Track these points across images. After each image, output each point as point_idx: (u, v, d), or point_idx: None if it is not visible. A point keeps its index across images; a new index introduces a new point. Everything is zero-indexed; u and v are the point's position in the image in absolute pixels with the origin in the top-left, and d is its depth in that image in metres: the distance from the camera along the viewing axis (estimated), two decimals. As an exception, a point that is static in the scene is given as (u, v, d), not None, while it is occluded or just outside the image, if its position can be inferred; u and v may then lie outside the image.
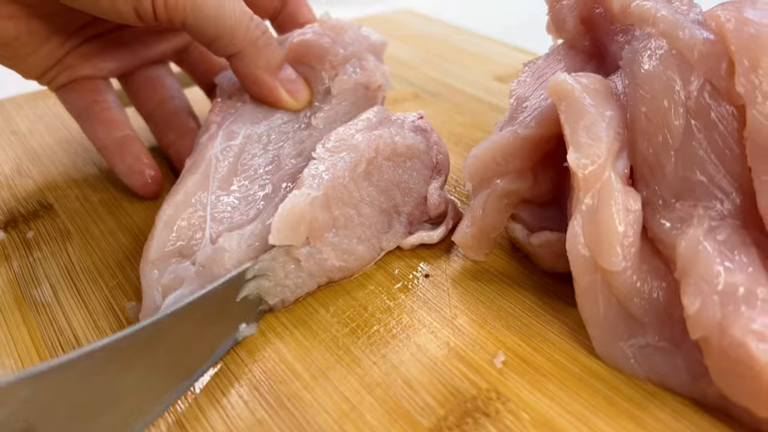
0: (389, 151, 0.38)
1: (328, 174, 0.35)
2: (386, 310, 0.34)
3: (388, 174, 0.38)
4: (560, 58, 0.40)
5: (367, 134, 0.38)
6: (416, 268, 0.37)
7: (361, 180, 0.37)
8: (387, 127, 0.39)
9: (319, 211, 0.34)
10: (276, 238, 0.33)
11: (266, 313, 0.35)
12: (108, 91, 0.46)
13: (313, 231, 0.34)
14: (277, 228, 0.32)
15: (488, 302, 0.35)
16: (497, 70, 0.64)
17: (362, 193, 0.37)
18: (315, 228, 0.34)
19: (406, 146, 0.39)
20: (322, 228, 0.35)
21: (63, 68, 0.43)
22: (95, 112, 0.44)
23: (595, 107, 0.33)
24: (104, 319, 0.34)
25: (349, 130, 0.38)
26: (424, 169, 0.40)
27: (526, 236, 0.36)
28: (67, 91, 0.45)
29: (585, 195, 0.31)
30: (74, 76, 0.44)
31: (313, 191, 0.34)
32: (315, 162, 0.36)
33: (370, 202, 0.37)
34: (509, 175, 0.36)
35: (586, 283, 0.31)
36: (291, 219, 0.33)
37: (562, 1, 0.40)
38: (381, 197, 0.38)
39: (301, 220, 0.33)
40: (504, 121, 0.39)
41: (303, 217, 0.33)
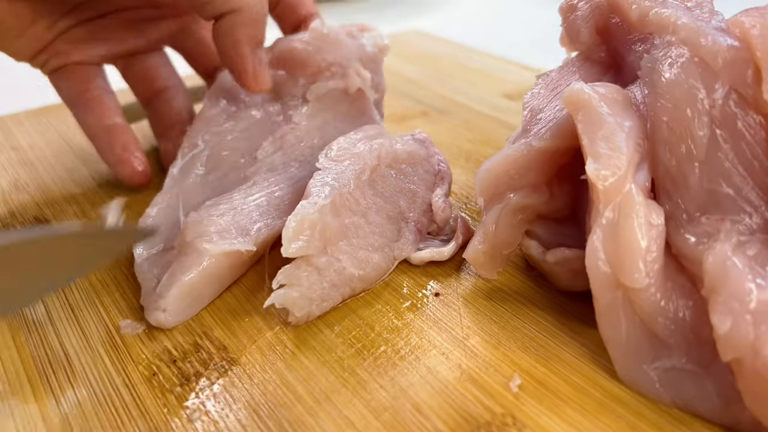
0: (391, 158, 0.38)
1: (334, 182, 0.35)
2: (394, 330, 0.33)
3: (392, 181, 0.38)
4: (575, 69, 0.39)
5: (368, 143, 0.38)
6: (425, 287, 0.36)
7: (366, 188, 0.37)
8: (386, 137, 0.39)
9: (330, 218, 0.33)
10: (288, 250, 0.32)
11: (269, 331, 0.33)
12: (99, 78, 0.45)
13: (326, 239, 0.33)
14: (288, 239, 0.32)
15: (502, 322, 0.33)
16: (505, 87, 0.63)
17: (368, 200, 0.36)
18: (328, 236, 0.33)
19: (407, 152, 0.39)
20: (336, 235, 0.34)
21: (53, 53, 0.43)
22: (86, 99, 0.44)
23: (614, 117, 0.31)
24: (97, 338, 0.33)
25: (350, 140, 0.38)
26: (427, 175, 0.40)
27: (542, 253, 0.35)
28: (59, 77, 0.44)
29: (605, 208, 0.29)
30: (65, 62, 0.44)
31: (320, 200, 0.33)
32: (320, 172, 0.35)
33: (377, 209, 0.37)
34: (523, 189, 0.35)
35: (607, 302, 0.29)
36: (301, 229, 0.32)
37: (576, 12, 0.39)
38: (387, 205, 0.37)
39: (311, 228, 0.32)
40: (517, 134, 0.38)
41: (313, 225, 0.32)
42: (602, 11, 0.38)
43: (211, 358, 0.31)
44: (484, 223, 0.35)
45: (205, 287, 0.34)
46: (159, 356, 0.32)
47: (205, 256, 0.33)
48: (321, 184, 0.35)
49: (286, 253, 0.32)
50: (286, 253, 0.32)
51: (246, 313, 0.34)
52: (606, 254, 0.29)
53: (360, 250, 0.35)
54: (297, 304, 0.32)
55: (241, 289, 0.36)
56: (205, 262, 0.33)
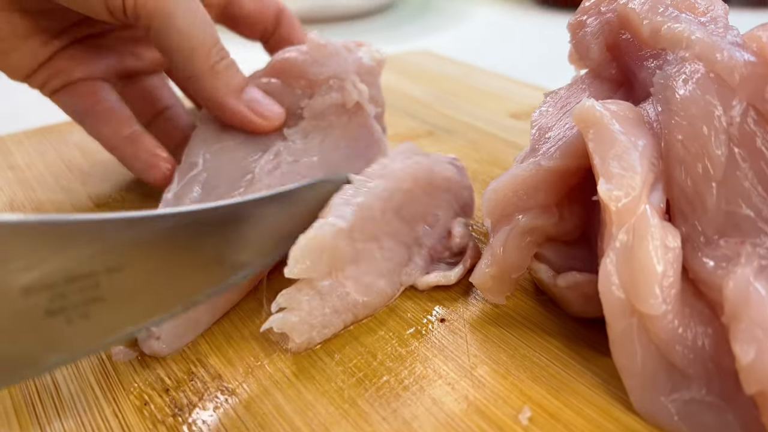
0: (427, 181, 0.37)
1: (359, 204, 0.33)
2: (397, 359, 0.31)
3: (418, 206, 0.37)
4: (585, 87, 0.38)
5: (405, 161, 0.36)
6: (430, 312, 0.34)
7: (390, 213, 0.35)
8: (425, 156, 0.38)
9: (344, 243, 0.32)
10: (293, 270, 0.30)
11: (267, 359, 0.31)
12: (106, 90, 0.44)
13: (334, 263, 0.32)
14: (296, 259, 0.30)
15: (511, 350, 0.31)
16: (512, 107, 0.62)
17: (387, 226, 0.35)
18: (337, 260, 0.32)
19: (444, 178, 0.38)
20: (345, 260, 0.32)
21: (54, 72, 0.42)
22: (98, 112, 0.43)
23: (627, 135, 0.30)
24: (87, 365, 0.31)
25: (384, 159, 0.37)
26: (455, 204, 0.38)
27: (552, 277, 0.33)
28: (64, 95, 0.44)
29: (618, 230, 0.28)
30: (68, 80, 0.43)
31: (339, 221, 0.32)
32: (348, 188, 0.34)
33: (394, 235, 0.35)
34: (532, 210, 0.33)
35: (622, 329, 0.28)
36: (311, 250, 0.31)
37: (586, 28, 0.38)
38: (404, 229, 0.36)
39: (322, 250, 0.31)
40: (525, 153, 0.37)
41: (324, 248, 0.31)
42: (612, 27, 0.37)
43: (205, 387, 0.30)
44: (492, 246, 0.33)
45: (200, 314, 0.32)
46: (151, 385, 0.30)
47: None
48: (344, 204, 0.33)
49: (290, 274, 0.30)
50: (290, 274, 0.30)
51: (243, 340, 0.33)
52: (620, 279, 0.28)
53: (367, 275, 0.33)
54: (297, 329, 0.31)
55: (238, 314, 0.35)
56: None
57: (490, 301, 0.34)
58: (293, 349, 0.31)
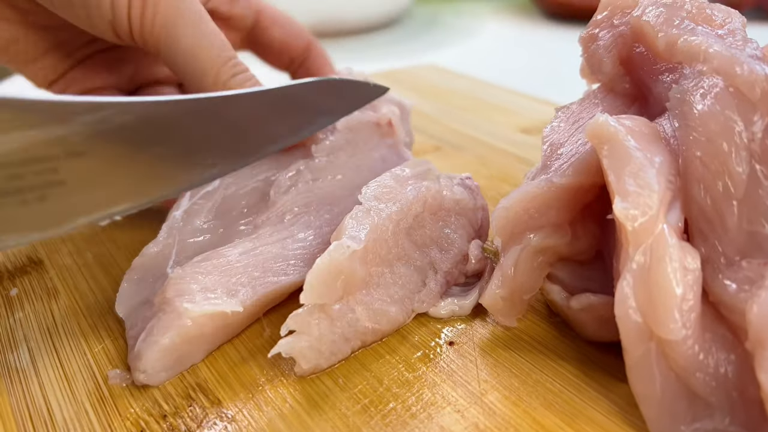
0: (437, 205, 0.36)
1: (372, 224, 0.32)
2: (404, 384, 0.30)
3: (430, 229, 0.35)
4: (597, 102, 0.37)
5: (416, 185, 0.35)
6: (438, 335, 0.33)
7: (402, 235, 0.34)
8: (435, 181, 0.36)
9: (358, 266, 0.31)
10: (309, 297, 0.29)
11: (268, 384, 0.30)
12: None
13: (348, 286, 0.31)
14: (311, 284, 0.29)
15: (523, 375, 0.30)
16: (522, 122, 0.60)
17: (399, 249, 0.34)
18: (350, 283, 0.31)
19: (455, 201, 0.36)
20: (358, 284, 0.31)
21: (71, 81, 0.42)
22: None
23: (642, 151, 0.29)
24: (83, 389, 0.30)
25: (397, 178, 0.36)
26: (469, 226, 0.37)
27: (565, 299, 0.32)
28: None
29: (635, 251, 0.27)
30: (84, 88, 0.43)
31: (354, 244, 0.31)
32: (359, 209, 0.33)
33: (407, 260, 0.34)
34: (544, 229, 0.32)
35: (639, 355, 0.26)
36: (328, 275, 0.30)
37: (598, 42, 0.37)
38: (416, 254, 0.35)
39: (338, 275, 0.30)
40: (536, 170, 0.36)
41: (340, 272, 0.30)
42: (626, 40, 0.36)
43: (204, 413, 0.29)
44: (502, 266, 0.32)
45: (189, 347, 0.31)
46: (148, 410, 0.29)
47: (186, 317, 0.30)
48: (357, 224, 0.32)
49: (307, 301, 0.29)
50: (307, 301, 0.29)
51: (243, 363, 0.32)
52: (637, 302, 0.26)
53: (377, 301, 0.32)
54: (305, 355, 0.29)
55: (239, 337, 0.33)
56: (186, 323, 0.30)
57: (501, 323, 0.33)
58: (299, 373, 0.30)
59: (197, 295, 0.30)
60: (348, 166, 0.41)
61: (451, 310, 0.34)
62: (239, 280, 0.32)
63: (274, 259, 0.34)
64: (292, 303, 0.35)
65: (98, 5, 0.34)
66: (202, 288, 0.31)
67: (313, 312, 0.30)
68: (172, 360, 0.30)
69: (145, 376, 0.29)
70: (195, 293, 0.30)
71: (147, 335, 0.30)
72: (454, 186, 0.37)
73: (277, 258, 0.34)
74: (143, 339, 0.30)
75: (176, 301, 0.30)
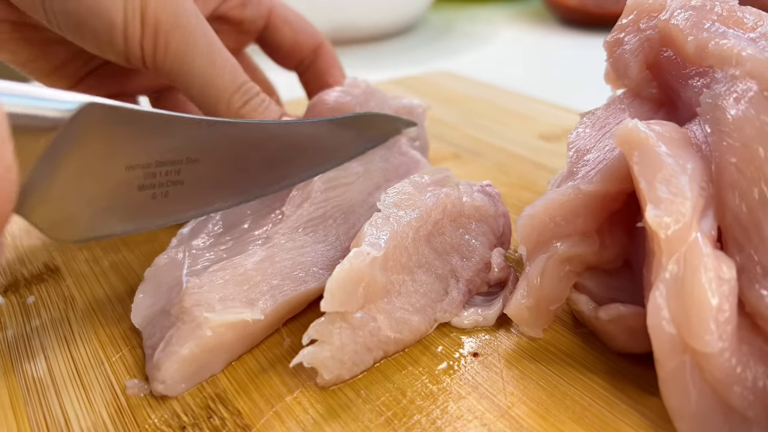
0: (457, 212, 0.35)
1: (392, 231, 0.32)
2: (428, 396, 0.29)
3: (450, 237, 0.35)
4: (623, 107, 0.36)
5: (435, 192, 0.35)
6: (462, 345, 0.32)
7: (422, 243, 0.33)
8: (454, 188, 0.36)
9: (379, 273, 0.30)
10: (330, 304, 0.29)
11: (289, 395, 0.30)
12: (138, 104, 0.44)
13: (369, 295, 0.30)
14: (332, 293, 0.29)
15: (550, 388, 0.29)
16: (541, 128, 0.60)
17: (420, 257, 0.33)
18: (372, 291, 0.30)
19: (474, 207, 0.36)
20: (379, 292, 0.31)
21: (87, 88, 0.42)
22: None
23: (674, 157, 0.28)
24: (101, 399, 0.30)
25: (417, 185, 0.35)
26: (490, 234, 0.36)
27: (593, 309, 0.31)
28: None
29: (668, 260, 0.26)
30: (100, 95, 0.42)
31: (374, 250, 0.30)
32: (378, 215, 0.32)
33: (427, 267, 0.33)
34: (571, 237, 0.31)
35: (673, 367, 0.26)
36: (348, 282, 0.29)
37: (624, 46, 0.36)
38: (437, 261, 0.34)
39: (359, 282, 0.29)
40: (561, 176, 0.35)
41: (361, 279, 0.29)
42: (652, 44, 0.35)
43: (224, 424, 0.28)
44: (528, 276, 0.31)
45: (209, 357, 0.30)
46: (167, 422, 0.28)
47: (205, 327, 0.29)
48: (377, 231, 0.31)
49: (327, 308, 0.29)
50: (327, 308, 0.29)
51: (263, 373, 0.31)
52: (671, 313, 0.25)
53: (399, 310, 0.31)
54: (327, 365, 0.29)
55: (259, 347, 0.33)
56: (206, 333, 0.29)
57: (526, 334, 0.32)
58: (320, 384, 0.29)
59: (216, 304, 0.30)
60: (360, 173, 0.40)
61: (475, 321, 0.33)
62: (258, 289, 0.32)
63: (292, 266, 0.34)
64: (311, 312, 0.35)
65: (110, 37, 0.34)
66: (220, 297, 0.30)
67: (335, 320, 0.29)
68: (192, 370, 0.30)
69: (164, 386, 0.29)
70: (214, 302, 0.30)
71: (166, 345, 0.29)
72: (474, 193, 0.36)
73: (295, 266, 0.34)
74: (162, 349, 0.29)
75: (195, 310, 0.29)
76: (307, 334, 0.29)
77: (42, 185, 0.27)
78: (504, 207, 0.37)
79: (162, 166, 0.31)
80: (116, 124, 0.29)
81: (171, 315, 0.30)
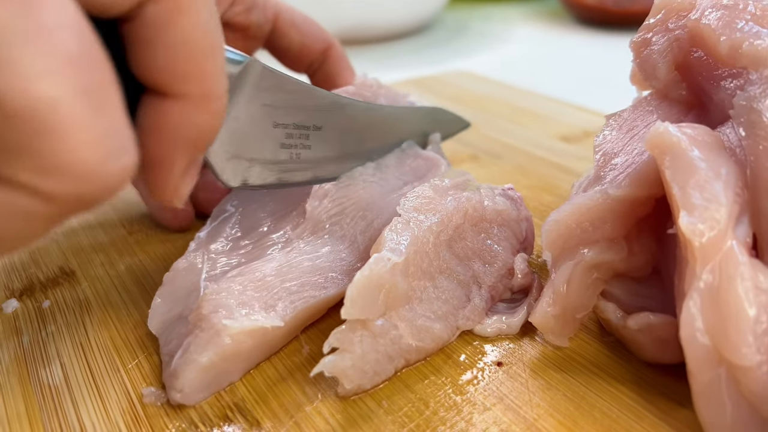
0: (478, 216, 0.34)
1: (413, 236, 0.31)
2: (452, 408, 0.28)
3: (471, 241, 0.34)
4: (651, 109, 0.35)
5: (456, 195, 0.34)
6: (486, 354, 0.31)
7: (443, 248, 0.33)
8: (475, 191, 0.35)
9: (400, 279, 0.30)
10: (350, 311, 0.28)
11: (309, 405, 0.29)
12: None
13: (390, 301, 0.29)
14: (352, 298, 0.28)
15: (577, 399, 0.28)
16: (562, 130, 0.59)
17: (441, 262, 0.32)
18: (393, 297, 0.29)
19: (496, 212, 0.35)
20: (400, 299, 0.30)
21: None
22: None
23: (707, 162, 0.27)
24: (117, 408, 0.29)
25: (437, 189, 0.34)
26: (513, 239, 0.35)
27: (621, 318, 0.30)
28: None
29: (702, 269, 0.25)
30: None
31: (394, 256, 0.29)
32: (398, 220, 0.32)
33: (449, 273, 0.33)
34: (598, 243, 0.30)
35: (708, 380, 0.25)
36: (369, 288, 0.28)
37: (651, 47, 0.35)
38: (459, 267, 0.33)
39: (379, 288, 0.29)
40: (586, 180, 0.34)
41: (382, 285, 0.29)
42: (682, 45, 0.34)
43: (242, 434, 0.28)
44: (554, 283, 0.30)
45: (227, 365, 0.29)
46: (184, 431, 0.28)
47: (224, 335, 0.28)
48: (397, 236, 0.31)
49: (347, 315, 0.28)
50: (347, 315, 0.28)
51: (282, 381, 0.30)
52: (705, 324, 0.25)
53: (420, 317, 0.31)
54: (348, 375, 0.28)
55: (277, 354, 0.32)
56: (224, 340, 0.29)
57: (552, 342, 0.31)
58: (341, 394, 0.29)
59: (235, 310, 0.29)
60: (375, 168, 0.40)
61: (498, 329, 0.32)
62: (277, 295, 0.31)
63: (311, 272, 0.33)
64: (330, 319, 0.34)
65: None
66: (239, 303, 0.30)
67: (356, 328, 0.29)
68: (210, 379, 0.29)
69: (182, 395, 0.28)
70: (233, 309, 0.29)
71: (184, 353, 0.29)
72: (495, 196, 0.36)
73: (314, 271, 0.33)
74: (180, 357, 0.29)
75: (213, 317, 0.29)
76: (328, 342, 0.28)
77: None
78: (527, 211, 0.37)
79: (297, 128, 0.35)
80: (270, 83, 0.32)
81: (189, 322, 0.29)
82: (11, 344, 0.34)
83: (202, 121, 0.24)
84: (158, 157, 0.24)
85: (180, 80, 0.23)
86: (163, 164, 0.24)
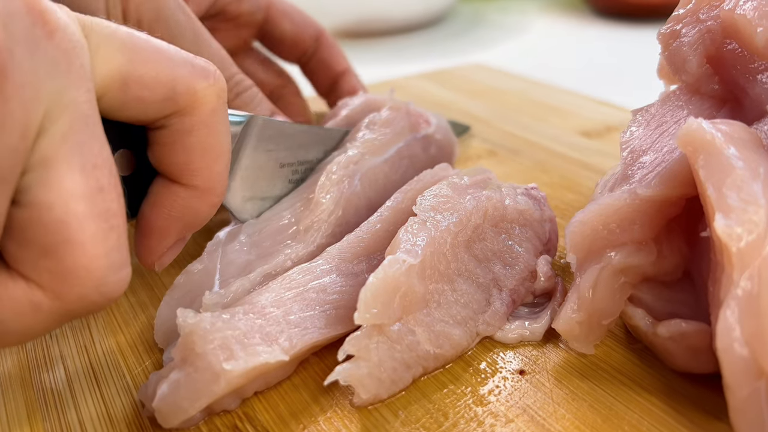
0: (498, 216, 0.33)
1: (429, 236, 0.30)
2: (473, 419, 0.27)
3: (491, 242, 0.33)
4: (681, 104, 0.33)
5: (475, 194, 0.33)
6: (507, 362, 0.30)
7: (461, 249, 0.31)
8: (496, 190, 0.34)
9: (416, 281, 0.28)
10: (364, 316, 0.26)
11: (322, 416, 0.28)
12: None
13: (407, 305, 0.28)
14: (367, 303, 0.26)
15: (604, 410, 0.27)
16: (583, 124, 0.57)
17: (459, 264, 0.31)
18: (409, 301, 0.28)
19: (518, 211, 0.33)
20: (418, 303, 0.29)
21: None
22: None
23: (744, 161, 0.25)
24: (121, 416, 0.28)
25: (455, 187, 0.33)
26: (536, 240, 0.33)
27: (651, 325, 0.28)
28: None
29: (740, 275, 0.23)
30: None
31: (410, 257, 0.28)
32: (414, 220, 0.30)
33: (467, 275, 0.31)
34: (626, 246, 0.29)
35: (747, 394, 0.23)
36: (383, 292, 0.27)
37: (681, 39, 0.34)
38: (479, 269, 0.32)
39: (394, 292, 0.27)
40: (612, 178, 0.32)
41: (397, 288, 0.27)
42: (714, 37, 0.32)
43: (252, 445, 0.26)
44: (579, 287, 0.29)
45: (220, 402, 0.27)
46: (192, 441, 0.27)
47: (223, 380, 0.25)
48: (413, 237, 0.29)
49: (361, 321, 0.27)
50: (361, 321, 0.27)
51: (295, 391, 0.29)
52: (744, 334, 0.23)
53: (439, 322, 0.29)
54: (364, 384, 0.27)
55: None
56: (221, 386, 0.25)
57: (576, 350, 0.30)
58: (357, 403, 0.27)
59: (234, 345, 0.26)
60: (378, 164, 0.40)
61: (521, 335, 0.31)
62: (279, 327, 0.28)
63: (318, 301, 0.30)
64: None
65: None
66: (236, 336, 0.27)
67: (372, 334, 0.27)
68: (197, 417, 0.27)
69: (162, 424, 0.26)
70: (231, 342, 0.26)
71: (170, 391, 0.26)
72: (517, 196, 0.34)
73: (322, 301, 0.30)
74: (164, 395, 0.26)
75: (210, 357, 0.26)
76: (343, 349, 0.27)
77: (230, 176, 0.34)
78: (551, 211, 0.35)
79: (301, 164, 0.39)
80: (270, 131, 0.36)
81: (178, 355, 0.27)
82: (13, 347, 0.33)
83: (201, 209, 0.28)
84: (157, 227, 0.28)
85: (191, 174, 0.27)
86: (158, 234, 0.28)
